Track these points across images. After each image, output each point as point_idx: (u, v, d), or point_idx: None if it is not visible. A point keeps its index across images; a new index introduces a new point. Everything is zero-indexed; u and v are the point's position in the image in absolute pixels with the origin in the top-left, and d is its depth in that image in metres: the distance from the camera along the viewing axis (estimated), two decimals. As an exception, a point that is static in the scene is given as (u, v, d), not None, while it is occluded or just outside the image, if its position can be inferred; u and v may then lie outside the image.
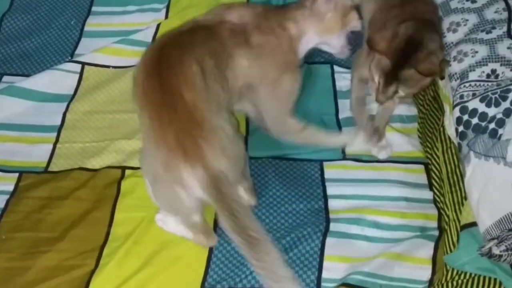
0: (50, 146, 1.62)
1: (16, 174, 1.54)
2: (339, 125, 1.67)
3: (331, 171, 1.55)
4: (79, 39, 1.90)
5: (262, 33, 1.48)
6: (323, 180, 1.53)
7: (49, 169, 1.57)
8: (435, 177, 1.49)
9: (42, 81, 1.76)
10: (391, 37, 1.41)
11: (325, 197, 1.49)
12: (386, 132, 1.61)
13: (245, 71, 1.46)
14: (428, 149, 1.53)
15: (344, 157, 1.58)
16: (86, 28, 1.93)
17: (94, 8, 1.99)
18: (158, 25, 1.91)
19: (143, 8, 1.97)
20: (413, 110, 1.67)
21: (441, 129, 1.46)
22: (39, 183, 1.53)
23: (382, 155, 1.57)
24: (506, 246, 1.14)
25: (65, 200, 1.49)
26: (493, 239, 1.16)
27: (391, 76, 1.43)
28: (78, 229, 1.43)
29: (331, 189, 1.50)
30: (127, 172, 1.55)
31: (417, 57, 1.39)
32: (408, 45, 1.40)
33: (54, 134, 1.65)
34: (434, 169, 1.49)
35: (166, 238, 1.41)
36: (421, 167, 1.55)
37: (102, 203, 1.49)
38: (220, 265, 1.36)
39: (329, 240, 1.39)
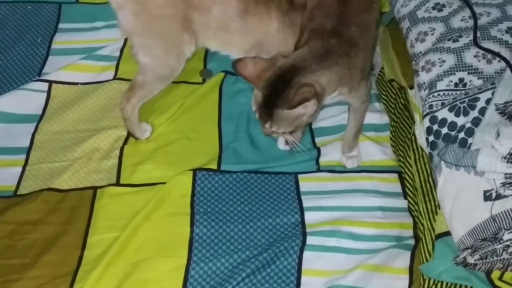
0: (19, 169, 1.58)
1: (-16, 200, 1.50)
2: (312, 135, 1.67)
3: (306, 183, 1.55)
4: (46, 57, 1.86)
5: None
6: (298, 193, 1.52)
7: (18, 192, 1.54)
8: (408, 185, 1.49)
9: (9, 102, 1.72)
10: (265, 66, 1.28)
11: (301, 210, 1.48)
12: (359, 141, 1.61)
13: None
14: (401, 158, 1.54)
15: (319, 168, 1.58)
16: (53, 46, 1.90)
17: (61, 25, 1.96)
18: (126, 39, 1.89)
19: (111, 24, 1.93)
20: (385, 119, 1.68)
21: (413, 137, 1.47)
22: (8, 207, 1.49)
23: (349, 164, 1.58)
24: (480, 255, 1.15)
25: (35, 224, 1.46)
26: (467, 248, 1.17)
27: (264, 113, 1.29)
28: (49, 254, 1.39)
29: (307, 202, 1.50)
30: (99, 192, 1.53)
31: (286, 96, 1.24)
32: (277, 82, 1.26)
33: (23, 156, 1.61)
34: (407, 177, 1.50)
35: (140, 258, 1.39)
36: (395, 175, 1.56)
37: (74, 226, 1.46)
38: (197, 286, 1.34)
39: (306, 254, 1.38)
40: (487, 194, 1.16)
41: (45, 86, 1.77)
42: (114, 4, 1.49)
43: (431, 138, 1.30)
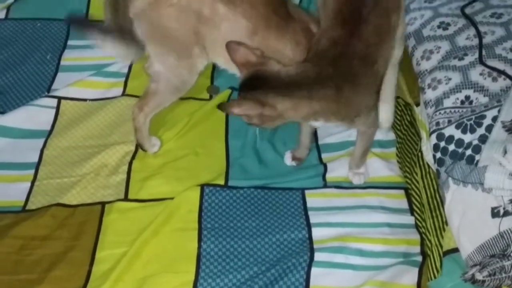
0: (28, 184, 1.59)
1: (-7, 215, 1.51)
2: (318, 151, 1.68)
3: (313, 199, 1.55)
4: (55, 74, 1.89)
5: None
6: (305, 209, 1.53)
7: (27, 207, 1.54)
8: (415, 202, 1.50)
9: (18, 118, 1.74)
10: (253, 62, 1.28)
11: (309, 226, 1.48)
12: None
13: None
14: (407, 174, 1.55)
15: (325, 184, 1.59)
16: (62, 63, 1.92)
17: (70, 42, 1.98)
18: (135, 56, 1.92)
19: (120, 41, 1.97)
20: (390, 135, 1.69)
21: (419, 154, 1.48)
22: (17, 222, 1.49)
23: (355, 180, 1.59)
24: (488, 271, 1.15)
25: (44, 239, 1.46)
26: (475, 265, 1.17)
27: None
28: (57, 270, 1.39)
29: (314, 218, 1.50)
30: (107, 207, 1.53)
31: (239, 98, 1.28)
32: (247, 82, 1.28)
33: (32, 172, 1.62)
34: (414, 194, 1.51)
35: (148, 274, 1.39)
36: (402, 192, 1.56)
37: (82, 241, 1.46)
38: (206, 301, 1.34)
39: (314, 271, 1.38)
40: (495, 211, 1.17)
41: (54, 102, 1.79)
42: (132, 14, 1.51)
43: (438, 155, 1.31)
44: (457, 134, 1.29)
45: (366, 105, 1.38)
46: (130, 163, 1.64)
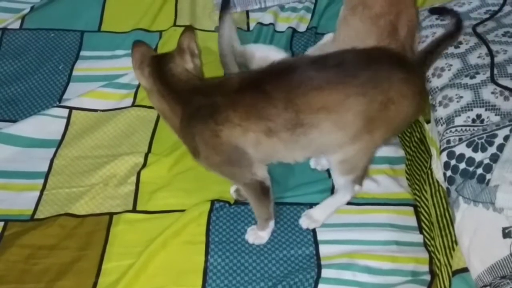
0: (37, 193, 1.59)
1: (1, 223, 1.51)
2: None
3: (321, 215, 1.54)
4: (67, 84, 1.90)
5: None
6: (313, 225, 1.52)
7: (35, 216, 1.54)
8: (424, 220, 1.49)
9: (29, 127, 1.74)
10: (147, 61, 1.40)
11: (316, 243, 1.47)
12: (374, 174, 1.62)
13: None
14: (416, 191, 1.54)
15: (334, 200, 1.58)
16: (74, 73, 1.93)
17: (82, 53, 1.99)
18: (145, 67, 1.93)
19: (132, 53, 1.99)
20: (400, 152, 1.68)
21: (429, 171, 1.47)
22: (25, 231, 1.50)
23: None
24: (498, 293, 1.14)
25: (51, 249, 1.46)
26: (485, 285, 1.16)
27: None
28: (64, 280, 1.39)
29: (321, 234, 1.49)
30: (115, 218, 1.53)
31: None
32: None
33: (41, 181, 1.62)
34: (423, 211, 1.50)
35: (154, 286, 1.39)
36: (411, 209, 1.55)
37: (89, 251, 1.46)
38: (214, 314, 1.33)
39: (321, 287, 1.37)
40: (506, 231, 1.16)
41: (65, 112, 1.80)
42: None
43: (449, 173, 1.30)
44: (468, 153, 1.28)
45: (205, 155, 1.34)
46: (139, 174, 1.64)
